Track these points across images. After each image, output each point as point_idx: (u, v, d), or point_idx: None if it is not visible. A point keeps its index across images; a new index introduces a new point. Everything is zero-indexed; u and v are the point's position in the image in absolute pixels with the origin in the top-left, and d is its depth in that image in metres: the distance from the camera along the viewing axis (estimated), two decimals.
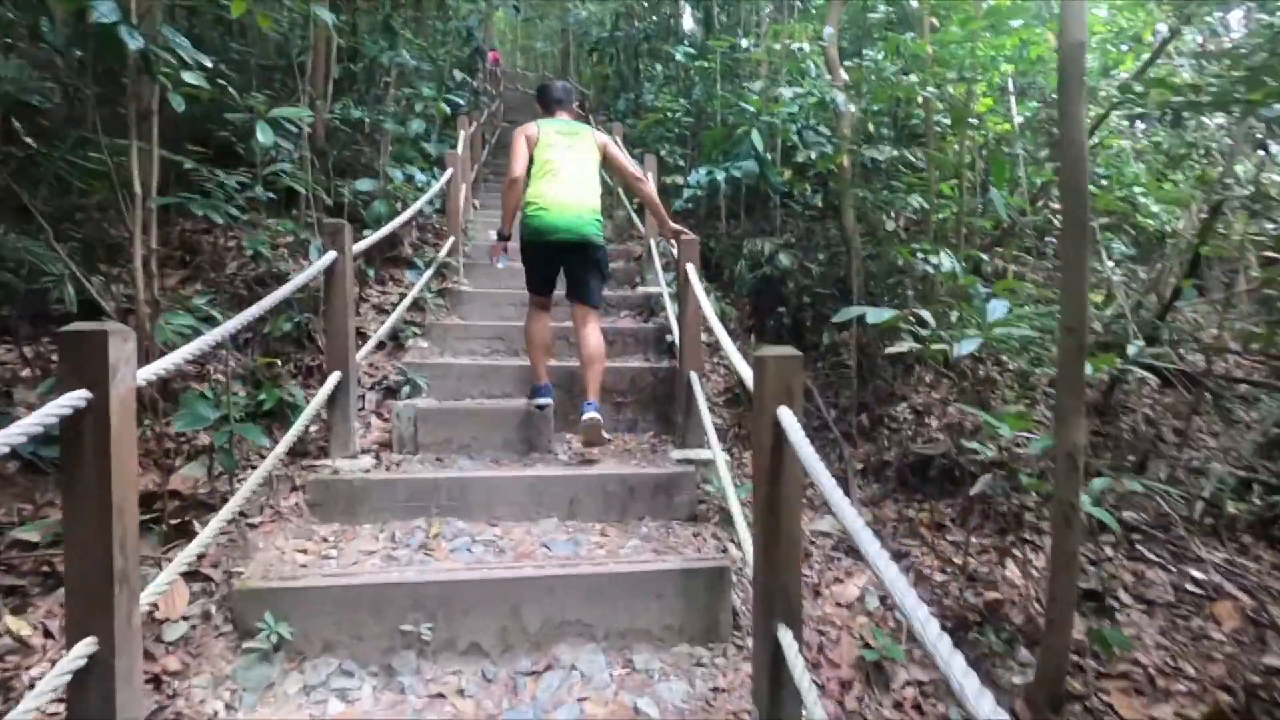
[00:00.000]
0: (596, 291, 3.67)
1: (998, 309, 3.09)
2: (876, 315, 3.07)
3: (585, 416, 3.42)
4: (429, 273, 5.14)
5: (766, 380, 1.81)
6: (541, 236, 3.53)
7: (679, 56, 7.94)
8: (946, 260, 3.87)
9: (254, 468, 2.79)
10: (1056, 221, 4.93)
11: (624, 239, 7.42)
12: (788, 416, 1.72)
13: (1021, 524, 3.33)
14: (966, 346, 2.96)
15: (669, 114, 7.67)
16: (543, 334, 3.73)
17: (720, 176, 5.37)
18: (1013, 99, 5.18)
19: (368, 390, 3.99)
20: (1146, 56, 5.29)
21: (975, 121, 4.95)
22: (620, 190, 7.55)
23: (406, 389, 3.95)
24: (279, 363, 3.70)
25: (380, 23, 5.73)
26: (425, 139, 6.42)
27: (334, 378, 3.28)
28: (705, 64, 7.33)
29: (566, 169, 3.57)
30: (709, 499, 3.27)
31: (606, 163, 3.80)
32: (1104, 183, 5.45)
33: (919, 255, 4.24)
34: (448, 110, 6.27)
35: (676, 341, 4.00)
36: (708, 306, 3.31)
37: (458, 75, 7.85)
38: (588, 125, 3.92)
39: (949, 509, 3.61)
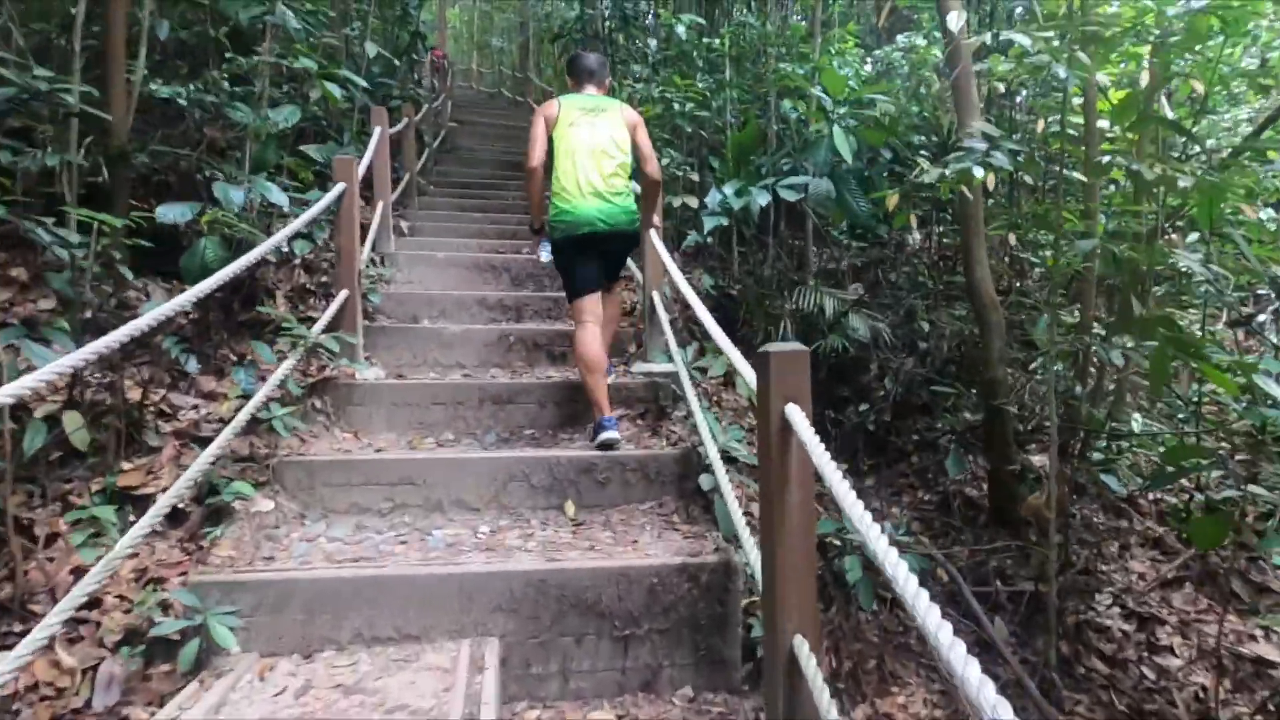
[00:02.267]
0: (623, 267, 3.66)
1: None
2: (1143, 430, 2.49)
3: (602, 437, 3.03)
4: (289, 362, 2.92)
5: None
6: (574, 231, 3.23)
7: (680, 30, 5.84)
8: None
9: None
10: None
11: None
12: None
13: None
14: None
15: (675, 105, 5.28)
16: (598, 353, 3.23)
17: (763, 201, 3.83)
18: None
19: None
20: None
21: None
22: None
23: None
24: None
25: None
26: (324, 136, 5.02)
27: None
28: (721, 43, 5.45)
29: (590, 150, 3.25)
30: None
31: (633, 143, 3.40)
32: None
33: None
34: (338, 94, 4.00)
35: (720, 485, 2.47)
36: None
37: (374, 51, 6.21)
38: (617, 100, 3.57)
39: None
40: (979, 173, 2.45)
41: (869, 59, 6.54)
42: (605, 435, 3.04)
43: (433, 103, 9.30)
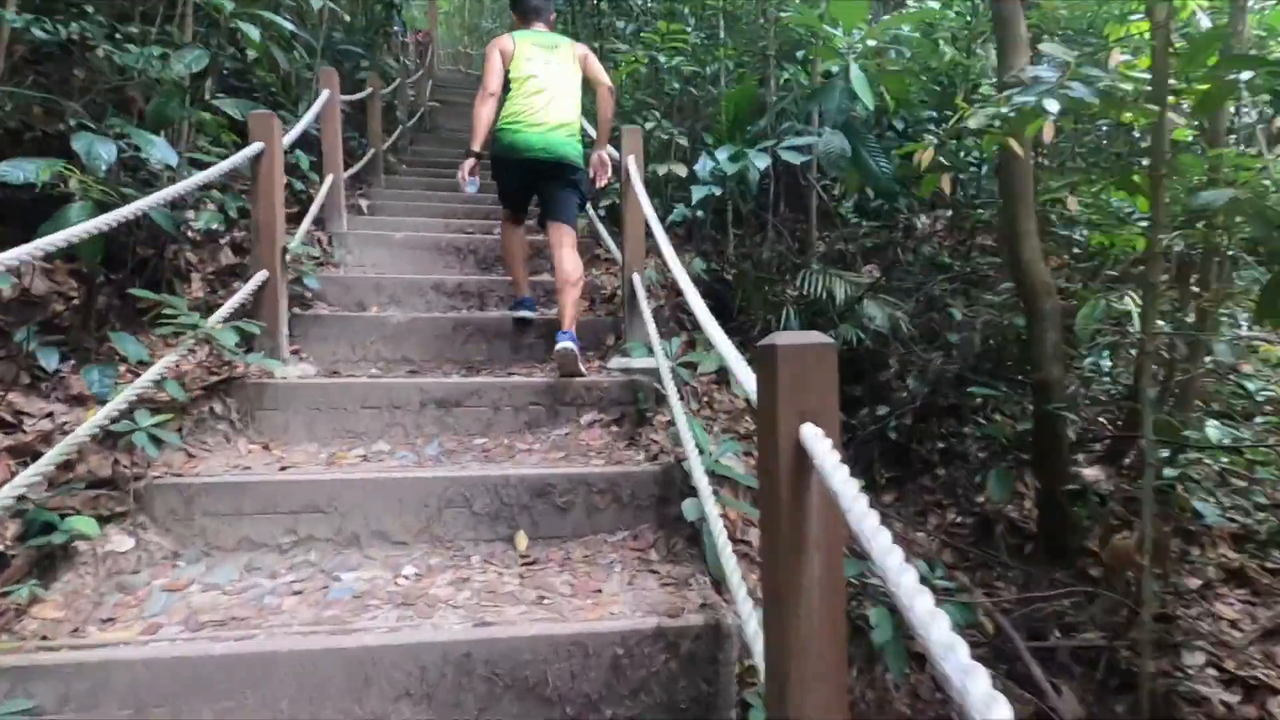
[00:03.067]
0: (573, 210, 3.49)
1: None
2: None
3: (559, 346, 3.07)
4: (167, 359, 2.32)
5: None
6: (514, 153, 3.34)
7: None
8: None
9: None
10: None
11: (584, 260, 5.01)
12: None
13: None
14: None
15: (661, 58, 4.69)
16: (520, 246, 3.63)
17: (761, 165, 3.27)
18: None
19: None
20: None
21: None
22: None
23: None
24: None
25: None
26: (276, 105, 4.42)
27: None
28: None
29: (545, 85, 3.36)
30: None
31: (585, 75, 3.53)
32: None
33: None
34: (255, 35, 3.26)
35: (708, 518, 1.94)
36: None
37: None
38: (566, 38, 3.65)
39: None
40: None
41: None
42: (522, 312, 3.49)
43: (405, 77, 8.58)
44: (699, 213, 3.50)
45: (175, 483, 2.19)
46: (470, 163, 3.49)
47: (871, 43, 3.21)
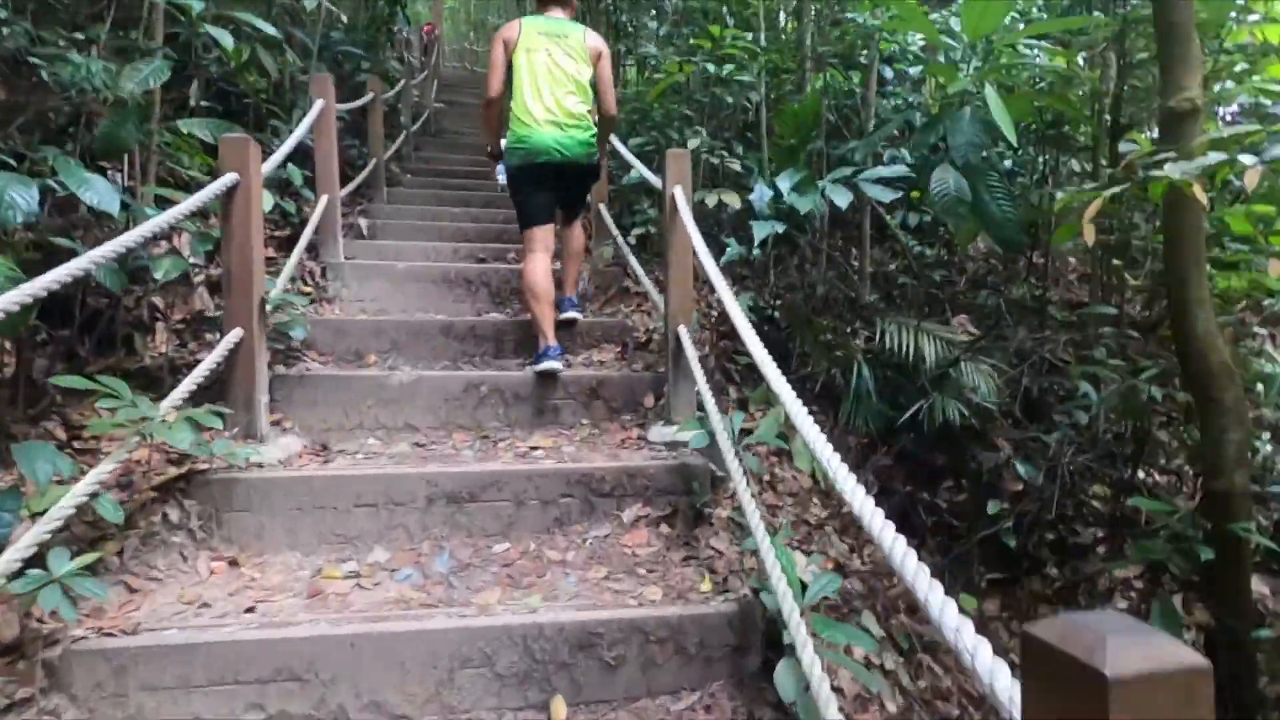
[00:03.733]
0: (583, 202, 3.58)
1: None
2: None
3: (561, 316, 3.33)
4: (94, 474, 1.74)
5: None
6: (530, 159, 3.18)
7: None
8: None
9: None
10: None
11: (610, 294, 4.20)
12: None
13: None
14: None
15: (709, 67, 3.99)
16: (545, 281, 3.19)
17: (842, 201, 2.68)
18: None
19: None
20: None
21: None
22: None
23: None
24: None
25: None
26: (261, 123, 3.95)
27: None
28: None
29: (549, 76, 3.17)
30: None
31: (594, 75, 3.32)
32: None
33: None
34: (230, 43, 2.82)
35: (815, 693, 1.41)
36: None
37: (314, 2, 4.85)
38: (581, 25, 3.37)
39: None
40: None
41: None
42: (546, 364, 2.98)
43: (410, 78, 8.02)
44: (756, 252, 2.92)
45: (103, 646, 1.65)
46: (498, 162, 3.55)
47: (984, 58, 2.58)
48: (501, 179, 3.54)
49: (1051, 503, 2.37)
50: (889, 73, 4.71)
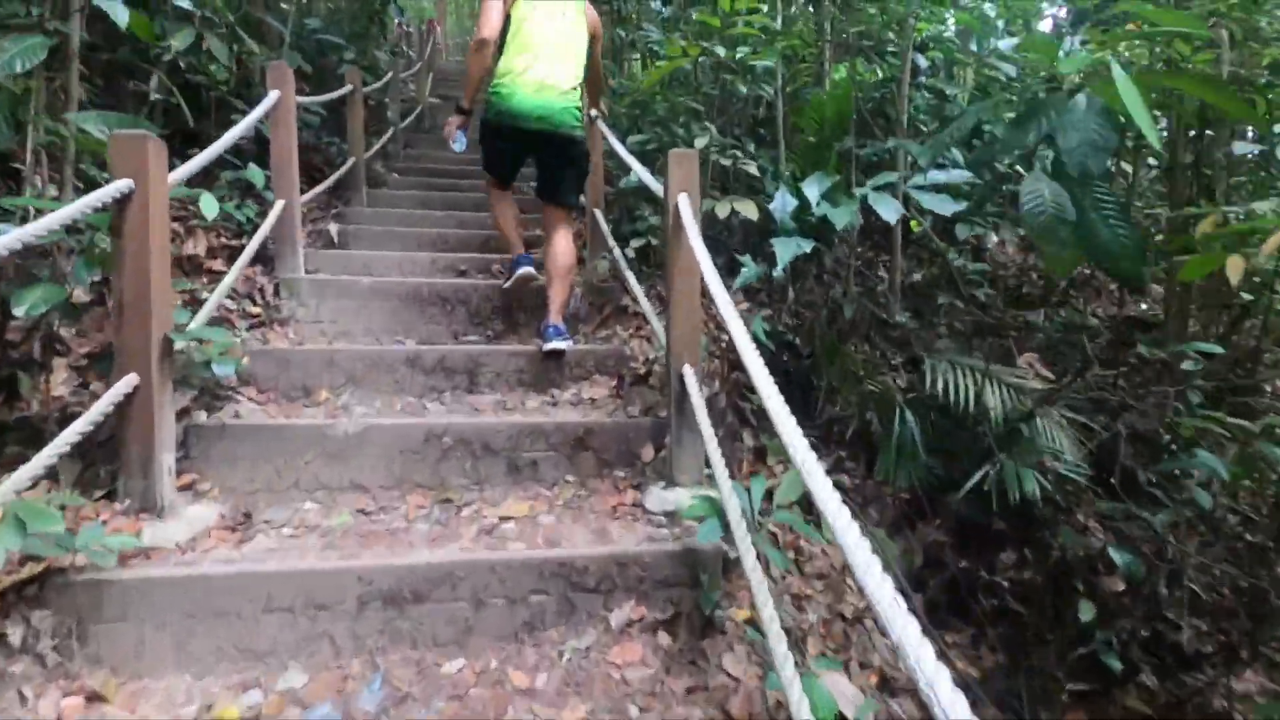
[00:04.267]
0: (572, 190, 3.21)
1: None
2: None
3: (548, 346, 2.90)
4: None
5: None
6: (508, 120, 3.02)
7: None
8: None
9: None
10: None
11: (605, 314, 3.67)
12: None
13: None
14: None
15: (719, 51, 3.42)
16: (510, 207, 3.39)
17: (891, 215, 2.19)
18: None
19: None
20: None
21: None
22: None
23: None
24: None
25: None
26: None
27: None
28: None
29: (547, 41, 3.02)
30: None
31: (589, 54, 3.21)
32: None
33: None
34: (123, 19, 2.30)
35: None
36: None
37: None
38: None
39: None
40: None
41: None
42: (520, 271, 3.27)
43: (398, 70, 7.49)
44: (778, 273, 2.36)
45: None
46: (458, 119, 3.31)
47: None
48: (458, 146, 3.34)
49: (1157, 603, 1.84)
50: (922, 61, 4.19)
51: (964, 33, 4.28)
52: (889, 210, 2.02)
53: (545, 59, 3.01)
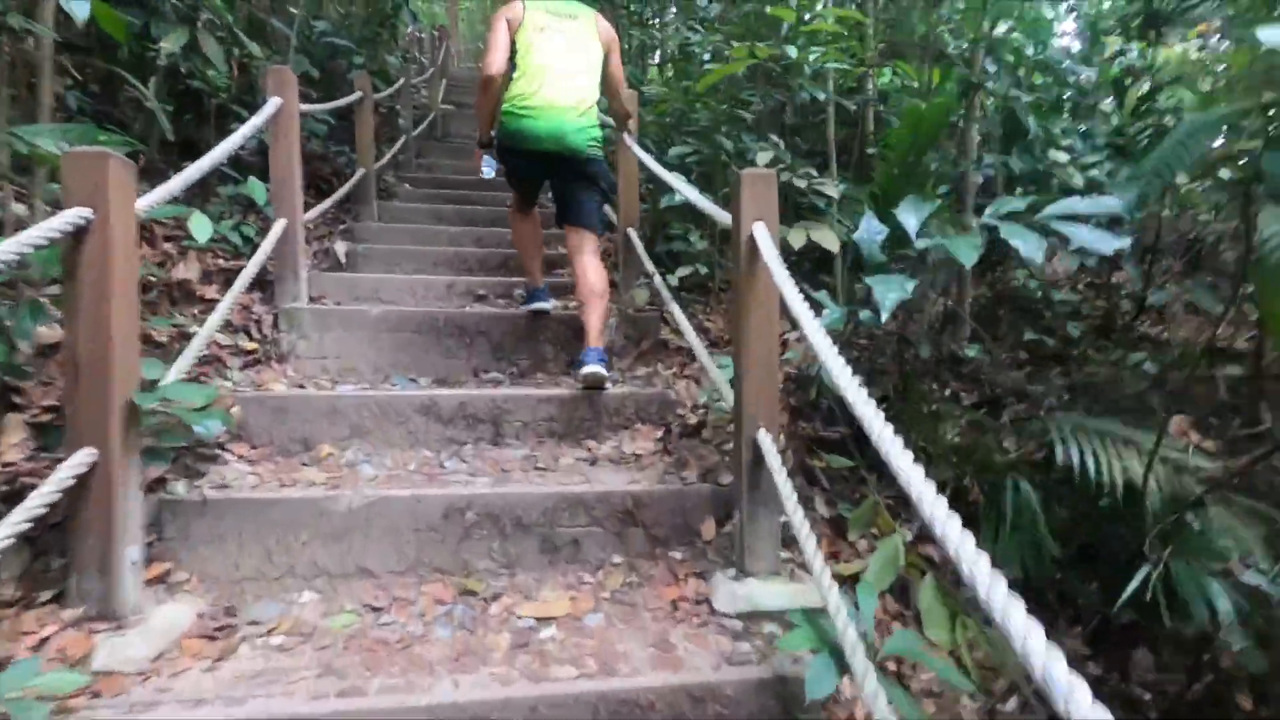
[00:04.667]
0: (594, 212, 3.04)
1: None
2: None
3: (586, 370, 2.66)
4: None
5: None
6: (521, 144, 2.94)
7: None
8: None
9: None
10: None
11: (643, 349, 3.37)
12: None
13: None
14: None
15: (792, 50, 3.06)
16: (532, 232, 3.34)
17: (1036, 254, 1.62)
18: None
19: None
20: None
21: None
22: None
23: None
24: None
25: None
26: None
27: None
28: None
29: (556, 62, 2.94)
30: None
31: (603, 65, 3.09)
32: None
33: None
34: (82, 15, 1.94)
35: None
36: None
37: None
38: (591, 9, 3.14)
39: None
40: None
41: None
42: (535, 305, 3.24)
43: (409, 76, 7.13)
44: (882, 319, 1.93)
45: None
46: (480, 153, 3.31)
47: None
48: (488, 172, 3.35)
49: None
50: (989, 65, 3.79)
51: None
52: (1031, 246, 1.60)
53: (556, 79, 2.93)
